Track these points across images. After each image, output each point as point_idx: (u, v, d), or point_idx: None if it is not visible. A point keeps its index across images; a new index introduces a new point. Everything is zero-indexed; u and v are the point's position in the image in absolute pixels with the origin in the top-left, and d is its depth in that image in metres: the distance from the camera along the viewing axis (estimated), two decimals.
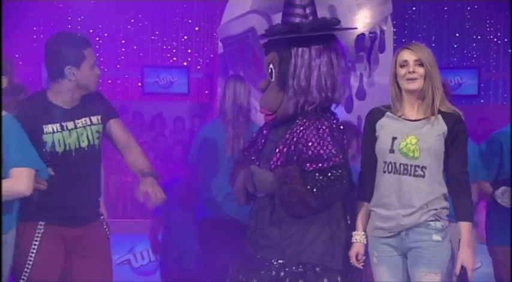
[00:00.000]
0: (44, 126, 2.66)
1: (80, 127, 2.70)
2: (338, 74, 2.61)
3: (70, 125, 2.69)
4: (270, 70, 2.68)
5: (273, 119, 2.66)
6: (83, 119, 2.71)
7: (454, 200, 2.54)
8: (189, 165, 3.79)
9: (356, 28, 2.61)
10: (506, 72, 9.65)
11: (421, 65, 2.50)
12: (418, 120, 2.53)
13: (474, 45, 9.69)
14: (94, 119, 2.74)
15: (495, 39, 9.65)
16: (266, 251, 2.60)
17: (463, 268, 2.46)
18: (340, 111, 6.73)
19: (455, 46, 9.73)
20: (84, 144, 2.70)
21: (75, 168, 2.69)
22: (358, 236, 2.57)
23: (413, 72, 2.49)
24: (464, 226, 2.51)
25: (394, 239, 2.53)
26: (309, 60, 2.63)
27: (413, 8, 9.74)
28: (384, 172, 2.53)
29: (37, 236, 2.63)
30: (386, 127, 2.56)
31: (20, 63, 9.50)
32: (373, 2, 6.51)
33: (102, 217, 2.81)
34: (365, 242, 2.58)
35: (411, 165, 2.48)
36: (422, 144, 2.48)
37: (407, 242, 2.52)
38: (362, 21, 6.37)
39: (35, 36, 9.52)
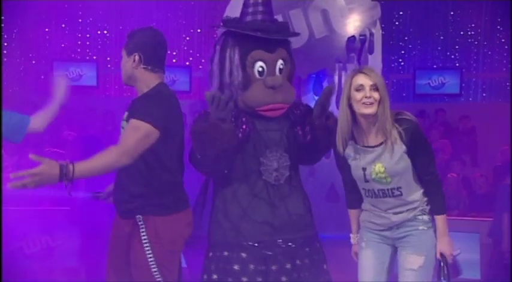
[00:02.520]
0: None
1: (122, 120, 2.56)
2: None
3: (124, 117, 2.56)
4: (281, 66, 2.65)
5: (283, 113, 2.66)
6: (126, 113, 2.55)
7: (428, 197, 2.54)
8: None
9: (299, 34, 2.66)
10: (485, 73, 9.64)
11: (376, 89, 2.43)
12: (378, 145, 2.47)
13: (457, 47, 9.68)
14: (125, 114, 2.55)
15: (476, 42, 9.63)
16: (303, 231, 2.66)
17: (442, 255, 2.49)
18: (332, 108, 6.68)
19: (439, 48, 9.72)
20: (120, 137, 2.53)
21: None
22: (355, 239, 2.67)
23: (370, 97, 2.41)
24: (439, 219, 2.52)
25: (386, 232, 2.57)
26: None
27: (401, 13, 9.71)
28: (367, 196, 2.57)
29: None
30: (353, 157, 2.52)
31: (33, 62, 9.46)
32: (363, 7, 6.46)
33: (138, 216, 2.48)
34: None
35: (388, 189, 2.50)
36: (390, 171, 2.46)
37: (397, 234, 2.55)
38: (353, 24, 6.32)
39: (47, 37, 9.46)
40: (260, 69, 2.64)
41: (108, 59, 9.47)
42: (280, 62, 2.65)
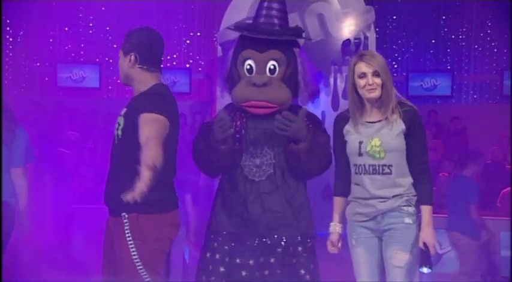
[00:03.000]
0: None
1: (119, 116, 2.51)
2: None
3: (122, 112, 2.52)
4: (272, 66, 2.66)
5: (271, 112, 2.64)
6: (122, 110, 2.50)
7: (417, 186, 2.55)
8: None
9: (310, 39, 2.69)
10: (476, 75, 9.69)
11: (378, 75, 2.51)
12: (378, 121, 2.54)
13: (448, 50, 9.72)
14: (123, 111, 2.49)
15: (466, 46, 9.68)
16: (280, 230, 2.64)
17: (425, 245, 2.50)
18: (327, 110, 6.72)
19: (431, 51, 9.75)
20: (115, 132, 2.50)
21: (111, 156, 2.51)
22: (336, 227, 2.64)
23: (372, 83, 2.50)
24: (425, 209, 2.53)
25: (371, 223, 2.57)
26: (302, 60, 2.70)
27: (394, 17, 9.76)
28: (356, 173, 2.57)
29: None
30: (352, 132, 2.57)
31: (38, 64, 9.48)
32: (357, 11, 6.51)
33: (123, 214, 2.40)
34: (341, 232, 2.64)
35: (379, 165, 2.51)
36: (385, 146, 2.50)
37: (382, 225, 2.55)
38: (348, 28, 6.35)
39: (51, 40, 9.49)
40: (248, 67, 2.67)
41: (111, 61, 9.49)
42: (271, 62, 2.66)
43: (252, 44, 2.68)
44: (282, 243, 2.66)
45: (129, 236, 2.38)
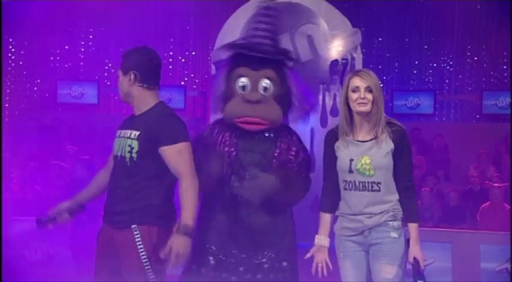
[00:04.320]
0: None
1: (121, 137, 2.53)
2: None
3: (122, 133, 2.54)
4: (265, 84, 2.64)
5: (262, 129, 2.62)
6: (128, 131, 2.52)
7: (403, 203, 2.54)
8: None
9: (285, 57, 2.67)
10: (457, 94, 9.76)
11: (371, 91, 2.51)
12: (369, 140, 2.54)
13: (431, 71, 9.80)
14: (133, 133, 2.49)
15: (448, 67, 9.77)
16: (262, 247, 2.60)
17: (415, 260, 2.49)
18: (316, 126, 6.71)
19: (414, 72, 9.83)
20: (117, 154, 2.52)
21: (115, 173, 2.54)
22: (321, 240, 2.60)
23: (364, 97, 2.50)
24: (413, 226, 2.53)
25: (358, 237, 2.56)
26: (295, 79, 2.70)
27: (380, 39, 9.84)
28: (346, 189, 2.56)
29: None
30: (343, 149, 2.56)
31: (38, 81, 9.44)
32: (345, 33, 6.54)
33: (134, 226, 2.45)
34: (325, 246, 2.60)
35: (368, 182, 2.50)
36: (375, 164, 2.50)
37: (369, 240, 2.54)
38: (336, 49, 6.38)
39: (51, 58, 9.46)
40: (241, 84, 2.65)
41: (109, 79, 9.48)
42: (265, 80, 2.63)
43: (246, 62, 2.66)
44: (269, 261, 2.62)
45: (141, 248, 2.41)
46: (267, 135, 2.66)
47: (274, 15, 2.73)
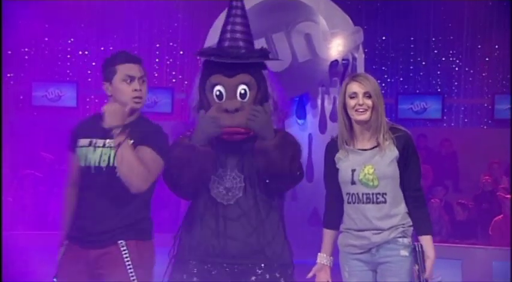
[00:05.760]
0: (79, 139, 2.59)
1: (107, 147, 2.54)
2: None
3: (99, 142, 2.56)
4: (243, 91, 2.64)
5: (245, 139, 2.60)
6: (113, 140, 2.52)
7: (413, 215, 2.54)
8: None
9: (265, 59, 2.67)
10: (467, 98, 9.81)
11: (369, 97, 2.51)
12: (371, 149, 2.54)
13: (439, 73, 9.84)
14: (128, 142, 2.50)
15: (457, 69, 9.81)
16: (248, 258, 2.58)
17: (419, 271, 2.47)
18: (314, 132, 6.76)
19: (421, 74, 9.87)
20: (103, 164, 2.53)
21: (93, 189, 2.54)
22: (324, 258, 2.61)
23: (362, 104, 2.50)
24: (425, 239, 2.52)
25: (365, 255, 2.55)
26: (271, 82, 2.71)
27: (383, 38, 9.88)
28: (349, 203, 2.55)
29: (61, 253, 2.57)
30: (344, 159, 2.56)
31: (12, 82, 9.41)
32: (346, 32, 6.59)
33: (120, 242, 2.52)
34: (328, 265, 2.60)
35: (373, 194, 2.50)
36: (379, 173, 2.49)
37: (377, 258, 2.53)
38: (336, 49, 6.43)
39: (26, 57, 9.44)
40: (218, 93, 2.64)
41: (89, 80, 9.46)
42: (241, 86, 2.62)
43: (219, 69, 2.65)
44: (258, 271, 2.60)
45: (129, 264, 2.48)
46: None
47: (242, 14, 2.73)
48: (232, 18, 2.73)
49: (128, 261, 2.48)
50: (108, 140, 2.55)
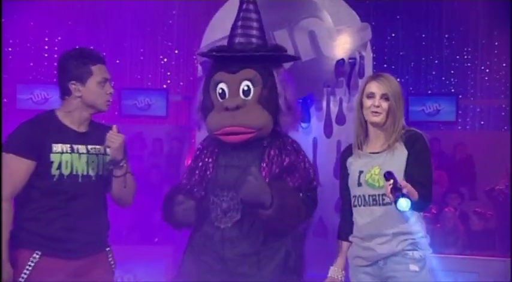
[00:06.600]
0: (53, 144, 2.54)
1: (92, 154, 2.59)
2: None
3: (82, 148, 2.58)
4: (246, 87, 2.61)
5: (247, 139, 2.59)
6: (96, 146, 2.61)
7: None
8: None
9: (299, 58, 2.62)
10: (483, 99, 9.79)
11: (387, 99, 2.52)
12: (382, 152, 2.55)
13: (452, 72, 9.84)
14: (102, 148, 2.63)
15: (473, 67, 9.80)
16: (218, 276, 2.59)
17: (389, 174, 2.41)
18: (319, 136, 6.73)
19: (433, 73, 9.87)
20: (92, 173, 2.58)
21: (81, 198, 2.57)
22: (336, 272, 2.63)
23: (378, 106, 2.51)
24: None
25: (373, 268, 2.55)
26: (283, 80, 2.67)
27: (393, 35, 9.88)
28: (355, 206, 2.56)
29: (29, 266, 2.52)
30: (354, 163, 2.59)
31: None
32: (352, 28, 6.57)
33: (108, 248, 2.71)
34: (342, 280, 2.62)
35: (379, 195, 2.50)
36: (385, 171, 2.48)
37: (385, 271, 2.52)
38: (342, 47, 6.40)
39: (10, 57, 9.44)
40: (220, 91, 2.65)
41: None
42: (244, 83, 2.61)
43: (224, 66, 2.65)
44: None
45: (113, 267, 2.70)
46: (265, 144, 2.64)
47: (251, 9, 2.75)
48: (243, 13, 2.74)
49: (113, 265, 2.69)
50: (90, 146, 2.60)
